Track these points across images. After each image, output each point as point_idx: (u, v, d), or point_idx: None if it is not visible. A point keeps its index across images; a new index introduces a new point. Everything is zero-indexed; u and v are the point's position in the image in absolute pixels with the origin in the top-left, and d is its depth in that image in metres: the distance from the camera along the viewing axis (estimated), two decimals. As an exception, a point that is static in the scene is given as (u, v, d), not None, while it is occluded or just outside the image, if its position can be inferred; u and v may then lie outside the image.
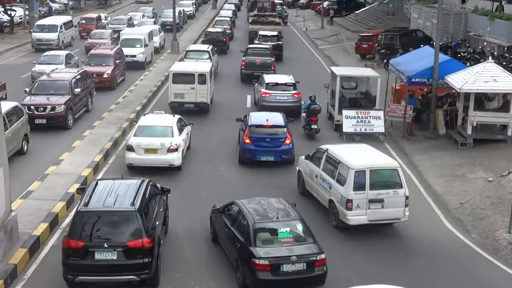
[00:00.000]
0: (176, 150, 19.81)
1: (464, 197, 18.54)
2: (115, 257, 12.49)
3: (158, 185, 15.40)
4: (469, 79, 22.03)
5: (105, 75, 30.76)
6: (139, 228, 12.58)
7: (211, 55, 34.37)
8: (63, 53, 33.64)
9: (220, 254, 14.76)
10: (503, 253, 15.41)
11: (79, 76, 26.39)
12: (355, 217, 15.81)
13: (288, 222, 13.45)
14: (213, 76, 29.29)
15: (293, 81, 28.05)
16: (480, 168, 20.54)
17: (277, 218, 13.51)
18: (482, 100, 23.26)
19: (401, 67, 25.90)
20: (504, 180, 19.19)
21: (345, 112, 24.32)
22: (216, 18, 56.93)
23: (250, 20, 52.65)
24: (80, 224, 12.59)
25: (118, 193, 13.39)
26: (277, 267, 12.59)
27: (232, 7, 69.15)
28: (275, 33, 43.06)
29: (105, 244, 12.43)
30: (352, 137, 23.97)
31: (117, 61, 32.46)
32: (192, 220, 16.68)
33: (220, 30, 45.79)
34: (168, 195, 15.82)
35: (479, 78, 22.04)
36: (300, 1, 79.38)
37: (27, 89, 25.26)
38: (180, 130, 20.83)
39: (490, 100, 23.75)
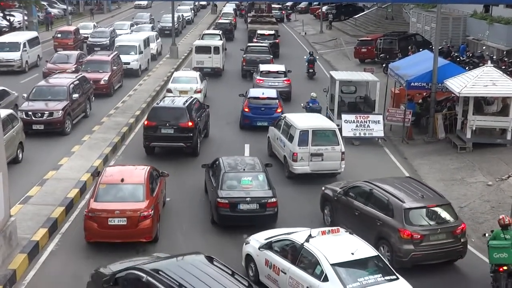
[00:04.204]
0: (200, 92, 28.66)
1: (464, 201, 18.52)
2: (172, 132, 21.30)
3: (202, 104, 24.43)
4: (468, 83, 22.00)
5: (102, 82, 30.37)
6: (186, 116, 21.41)
7: (221, 37, 43.14)
8: None
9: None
10: (503, 257, 15.35)
11: (77, 82, 26.31)
12: (300, 167, 19.67)
13: (251, 173, 16.72)
14: (224, 50, 39.45)
15: (283, 70, 32.02)
16: (480, 172, 20.54)
17: (244, 169, 16.84)
18: (481, 104, 23.27)
19: (400, 71, 25.90)
20: (503, 184, 19.20)
21: (344, 117, 24.37)
22: (222, 11, 67.18)
23: (249, 20, 56.37)
24: (154, 113, 21.81)
25: (176, 100, 23.14)
26: (234, 205, 15.88)
27: (233, 5, 75.11)
28: (272, 32, 46.01)
29: (167, 124, 21.26)
30: (352, 142, 23.96)
31: (114, 68, 31.97)
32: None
33: (227, 21, 55.50)
34: (208, 109, 24.59)
35: (478, 82, 22.00)
36: (299, 6, 79.47)
37: (25, 95, 25.20)
38: (201, 80, 29.68)
39: (489, 104, 23.77)
